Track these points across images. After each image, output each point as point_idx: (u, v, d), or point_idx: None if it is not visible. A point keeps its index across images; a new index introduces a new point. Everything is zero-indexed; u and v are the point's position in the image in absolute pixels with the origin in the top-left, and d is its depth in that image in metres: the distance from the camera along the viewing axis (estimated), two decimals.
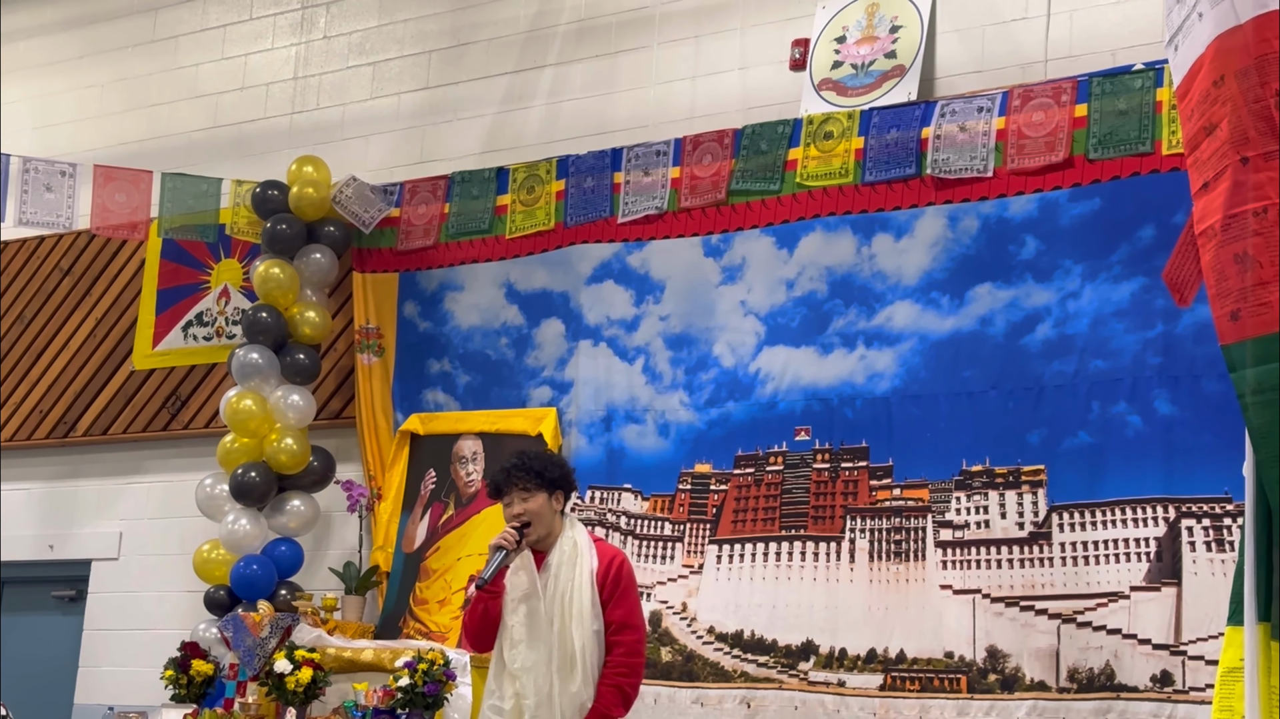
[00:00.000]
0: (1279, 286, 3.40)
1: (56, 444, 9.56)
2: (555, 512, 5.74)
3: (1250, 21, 3.50)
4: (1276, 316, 3.39)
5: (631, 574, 5.74)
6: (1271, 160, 3.45)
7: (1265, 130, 3.47)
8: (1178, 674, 6.04)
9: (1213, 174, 3.59)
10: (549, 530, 5.72)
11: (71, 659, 9.24)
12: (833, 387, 7.09)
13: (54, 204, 8.32)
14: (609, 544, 5.89)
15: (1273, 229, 3.42)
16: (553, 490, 5.73)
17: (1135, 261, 6.47)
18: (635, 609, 5.69)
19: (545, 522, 5.71)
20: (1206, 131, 3.62)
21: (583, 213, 7.85)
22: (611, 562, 5.68)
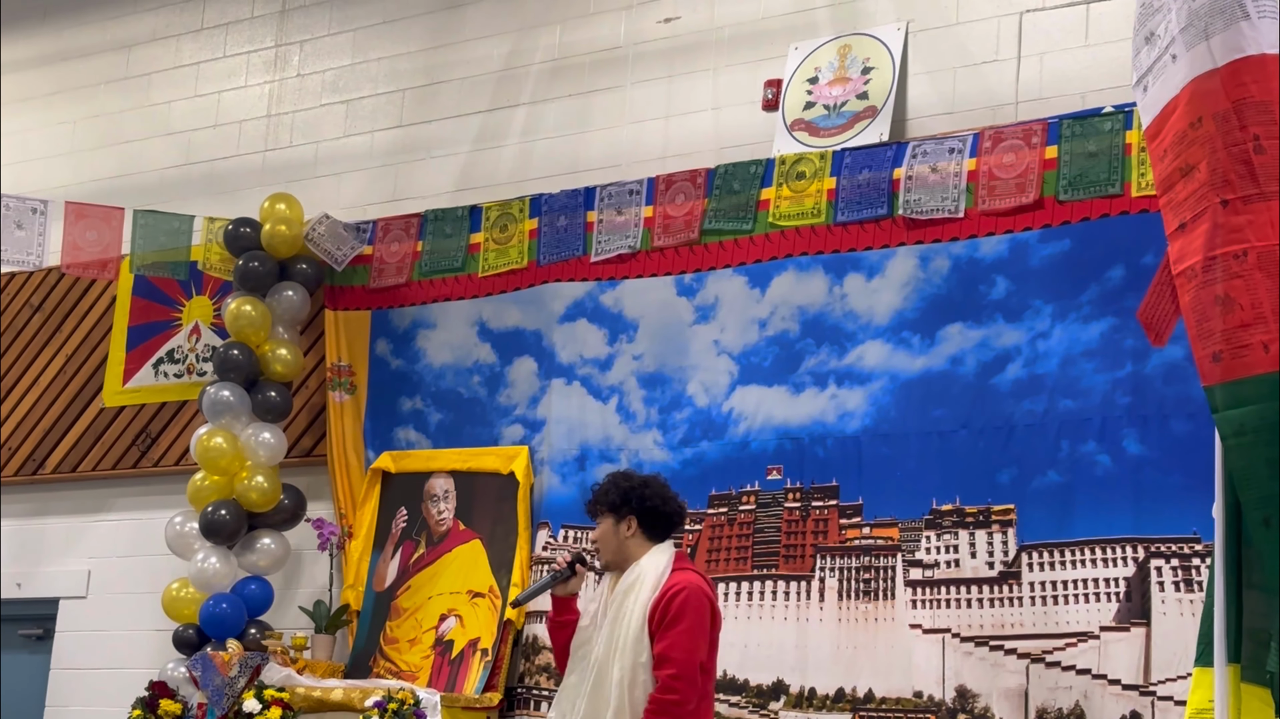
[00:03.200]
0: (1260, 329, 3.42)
1: (25, 481, 9.51)
2: (625, 537, 5.62)
3: (1227, 65, 3.54)
4: (1257, 359, 3.42)
5: (689, 605, 5.38)
6: (1251, 204, 3.49)
7: (1245, 174, 3.50)
8: (1147, 714, 6.05)
9: (1190, 215, 3.62)
10: (617, 556, 5.63)
11: (39, 698, 9.17)
12: (804, 425, 7.10)
13: (25, 241, 8.30)
14: (690, 574, 5.52)
15: (1253, 272, 3.45)
16: (619, 515, 5.63)
17: (1105, 302, 6.51)
18: (678, 643, 5.33)
19: (610, 547, 5.64)
20: (1183, 173, 3.65)
21: (556, 251, 7.86)
22: (669, 590, 5.43)
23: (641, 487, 5.70)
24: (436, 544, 7.94)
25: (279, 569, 8.21)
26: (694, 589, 5.45)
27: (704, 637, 5.44)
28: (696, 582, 5.54)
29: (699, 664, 5.39)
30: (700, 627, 5.41)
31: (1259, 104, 3.52)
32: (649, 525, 5.66)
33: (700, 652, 5.40)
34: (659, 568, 5.56)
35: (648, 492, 5.69)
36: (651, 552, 5.64)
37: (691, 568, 5.72)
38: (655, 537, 5.69)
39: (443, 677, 7.49)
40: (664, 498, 5.73)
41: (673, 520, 5.78)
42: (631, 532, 5.65)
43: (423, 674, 7.55)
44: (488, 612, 7.57)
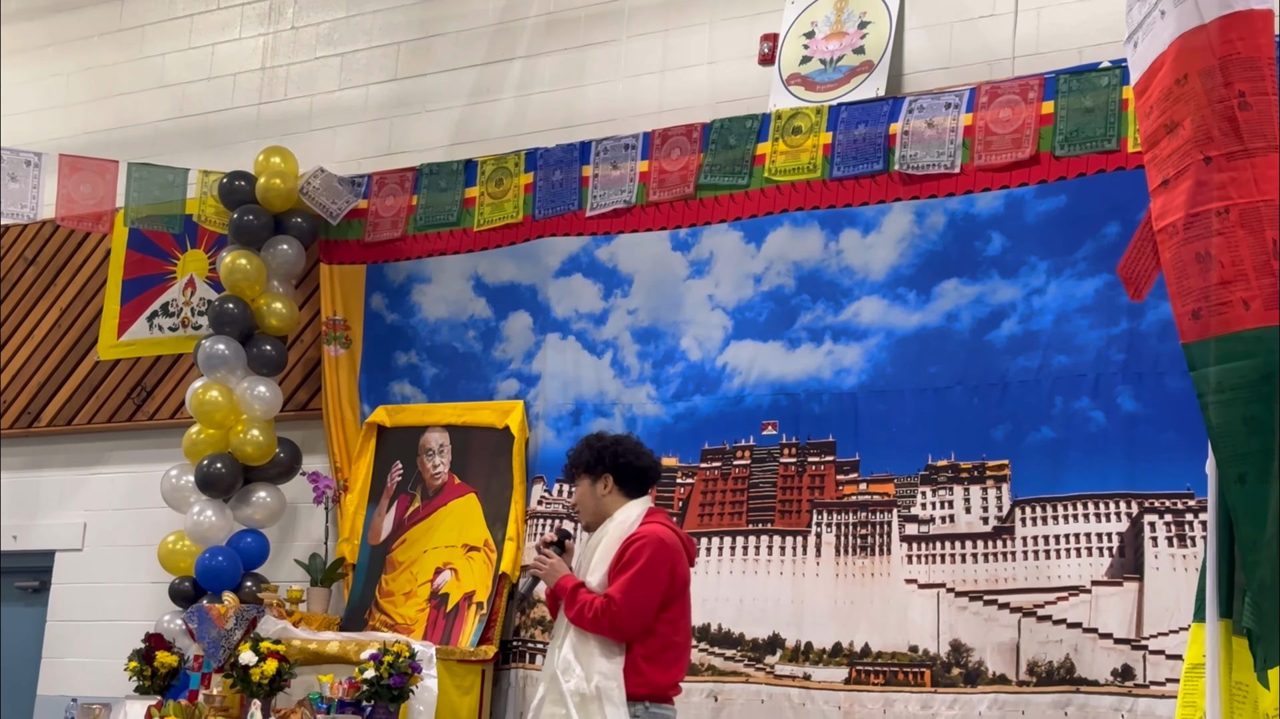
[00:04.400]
0: (1240, 287, 3.43)
1: (20, 434, 9.52)
2: (602, 496, 5.77)
3: (1214, 22, 3.54)
4: (1237, 316, 3.43)
5: (642, 552, 5.54)
6: (1235, 161, 3.48)
7: (1229, 131, 3.50)
8: (1138, 668, 6.08)
9: (1174, 171, 3.62)
10: (596, 516, 5.77)
11: (35, 650, 9.20)
12: (800, 381, 7.11)
13: (18, 194, 8.28)
14: (657, 527, 5.64)
15: (1235, 229, 3.45)
16: (595, 474, 5.77)
17: (1100, 258, 6.51)
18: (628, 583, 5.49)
19: (589, 508, 5.80)
20: (1167, 129, 3.65)
21: (551, 206, 7.86)
22: (630, 539, 5.59)
23: (614, 444, 5.83)
24: (432, 498, 7.96)
25: (274, 522, 8.23)
26: (652, 539, 5.58)
27: (655, 583, 5.54)
28: (659, 533, 5.64)
29: (643, 603, 5.51)
30: (652, 573, 5.53)
31: (1245, 60, 3.51)
32: (625, 482, 5.78)
33: (648, 594, 5.51)
34: (627, 521, 5.70)
35: (620, 449, 5.81)
36: (625, 506, 5.75)
37: (662, 521, 5.79)
38: (631, 493, 5.80)
39: (438, 630, 7.51)
40: (637, 454, 5.85)
41: (648, 475, 5.89)
42: (608, 489, 5.77)
43: (418, 627, 7.58)
44: (483, 565, 7.60)
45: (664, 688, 5.64)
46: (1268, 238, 3.42)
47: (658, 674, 5.60)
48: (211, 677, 7.26)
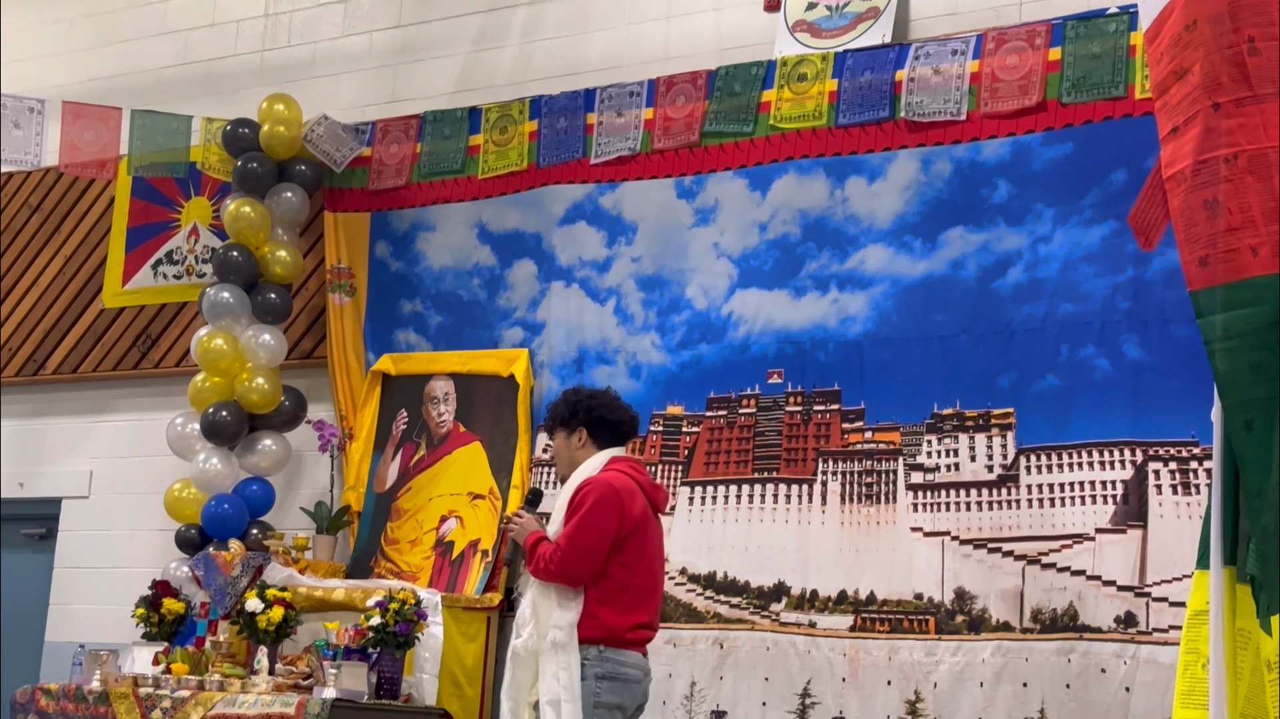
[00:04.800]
0: (1248, 233, 3.41)
1: (26, 382, 9.53)
2: (576, 448, 5.86)
3: None
4: (1245, 263, 3.41)
5: (589, 497, 5.62)
6: (1243, 107, 3.46)
7: (1238, 76, 3.47)
8: (1141, 615, 6.10)
9: (1183, 119, 3.60)
10: (570, 468, 5.85)
11: (42, 597, 9.25)
12: (805, 329, 7.11)
13: (22, 141, 8.26)
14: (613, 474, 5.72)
15: (1243, 175, 3.43)
16: (570, 427, 5.86)
17: (1106, 205, 6.50)
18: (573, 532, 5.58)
19: (564, 459, 5.90)
20: (1177, 76, 3.62)
21: (555, 153, 7.83)
22: (579, 486, 5.69)
23: (589, 398, 5.91)
24: (437, 446, 7.97)
25: (280, 470, 8.24)
26: (599, 484, 5.66)
27: (602, 526, 5.60)
28: (609, 478, 5.70)
29: (589, 546, 5.58)
30: (598, 517, 5.59)
31: (1254, 5, 3.48)
32: (599, 435, 5.86)
33: (594, 537, 5.58)
34: (589, 471, 5.77)
35: (594, 403, 5.89)
36: (593, 457, 5.82)
37: (622, 469, 5.83)
38: (605, 445, 5.87)
39: (443, 577, 7.54)
40: (612, 408, 5.93)
41: (622, 429, 5.96)
42: (582, 442, 5.86)
43: (423, 575, 7.60)
44: (488, 513, 7.62)
45: (619, 631, 5.64)
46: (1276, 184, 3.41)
47: (612, 617, 5.62)
48: (218, 623, 7.30)
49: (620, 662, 5.62)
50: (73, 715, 7.02)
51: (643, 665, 5.75)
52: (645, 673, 5.78)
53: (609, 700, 5.58)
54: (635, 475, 5.84)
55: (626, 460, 5.93)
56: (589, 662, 5.55)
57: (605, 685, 5.57)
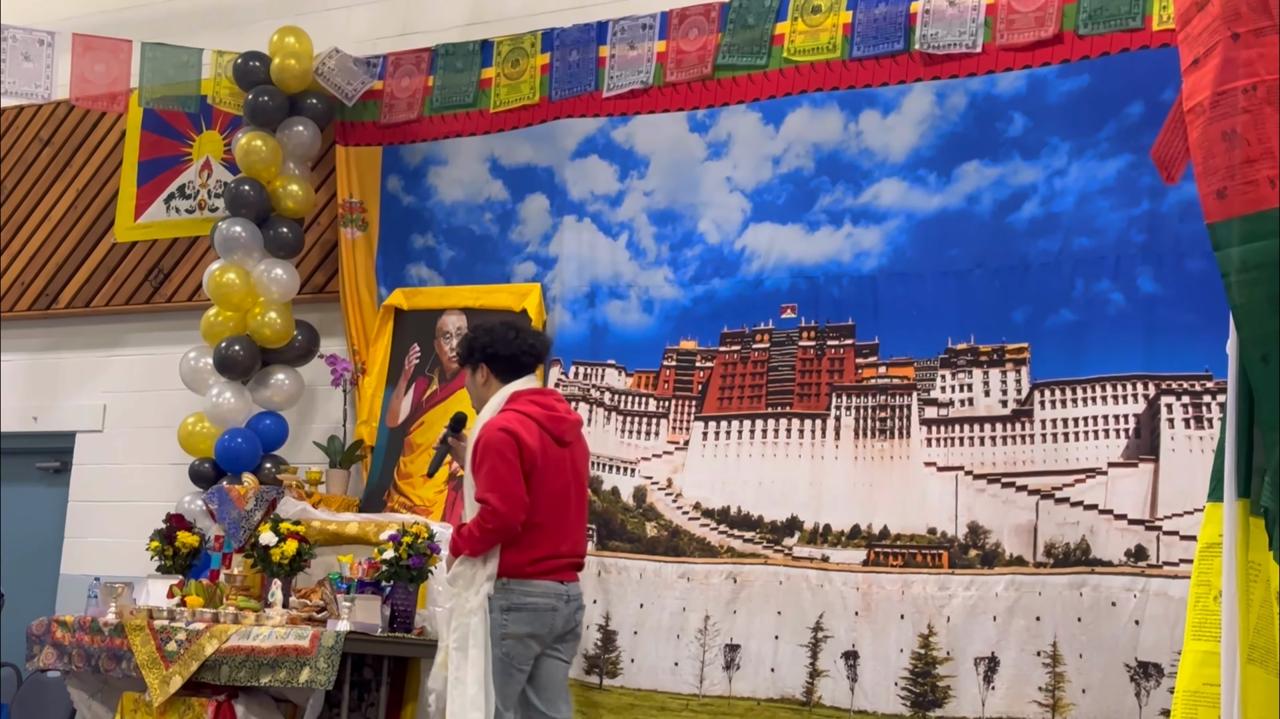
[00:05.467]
0: (1267, 165, 3.39)
1: (39, 316, 9.54)
2: (481, 384, 5.97)
3: None
4: (1263, 195, 3.39)
5: (490, 446, 5.72)
6: (1263, 36, 3.43)
7: (1257, 5, 3.44)
8: (1151, 549, 6.11)
9: (1203, 50, 3.57)
10: (480, 403, 5.97)
11: (57, 530, 9.30)
12: (819, 264, 7.09)
13: (32, 73, 8.23)
14: (509, 415, 5.84)
15: (1262, 106, 3.40)
16: (473, 365, 5.97)
17: (1123, 138, 6.46)
18: (484, 482, 5.70)
19: (474, 396, 6.02)
20: (1198, 7, 3.59)
21: (567, 87, 7.79)
22: (475, 442, 5.77)
23: (485, 334, 6.01)
24: (449, 380, 7.97)
25: (293, 405, 8.26)
26: (490, 430, 5.76)
27: (510, 465, 5.71)
28: (500, 422, 5.78)
29: (512, 494, 5.70)
30: (502, 463, 5.70)
31: None
32: (499, 370, 5.96)
33: (508, 483, 5.69)
34: (489, 413, 5.88)
35: (490, 339, 5.98)
36: (495, 394, 5.92)
37: (519, 407, 5.90)
38: (508, 378, 5.97)
39: (456, 511, 7.55)
40: (507, 340, 6.00)
41: (520, 360, 6.04)
42: (485, 378, 5.96)
43: (436, 509, 7.62)
44: None
45: (520, 566, 5.77)
46: None
47: (513, 555, 5.75)
48: (232, 557, 7.34)
49: (525, 592, 5.75)
50: (88, 647, 7.07)
51: (556, 592, 5.85)
52: (565, 600, 5.89)
53: (516, 631, 5.72)
54: (535, 412, 5.90)
55: (528, 395, 5.98)
56: (493, 596, 5.69)
57: (511, 617, 5.71)
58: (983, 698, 6.32)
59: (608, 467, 7.36)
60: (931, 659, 6.45)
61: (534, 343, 6.15)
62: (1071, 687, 6.16)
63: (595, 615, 7.18)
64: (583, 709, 7.10)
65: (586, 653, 7.16)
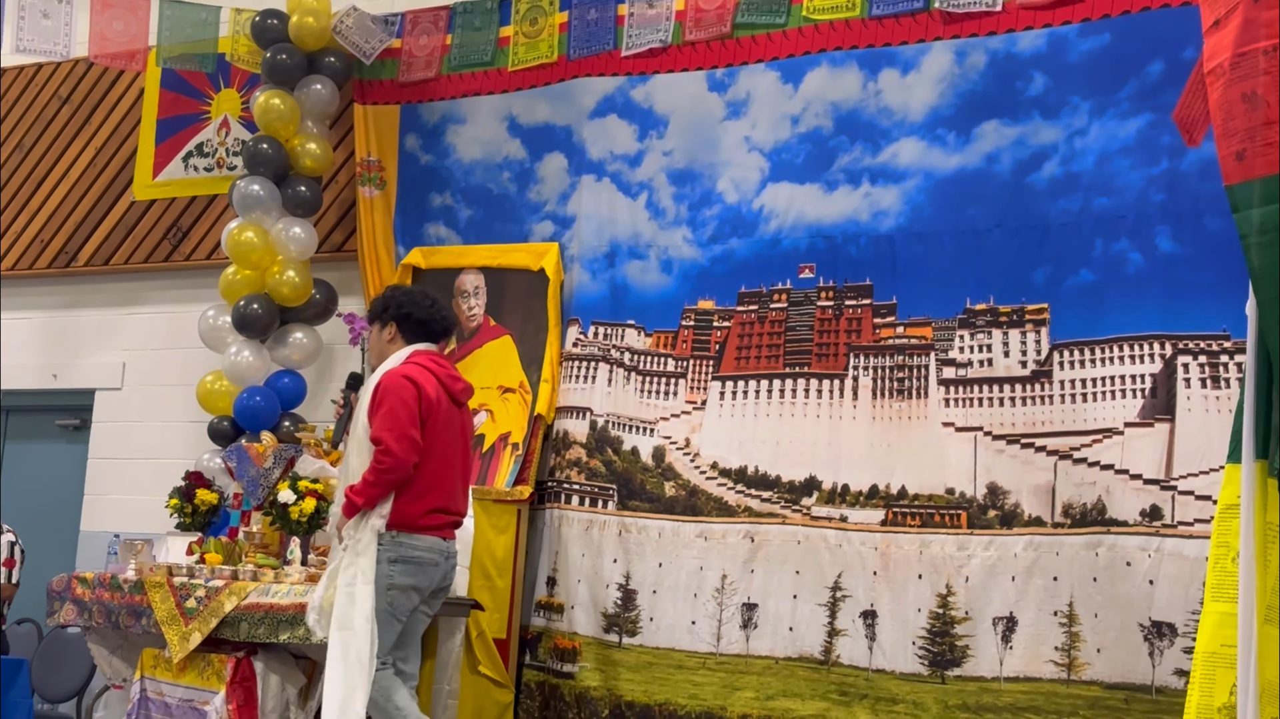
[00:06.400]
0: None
1: (58, 274, 9.57)
2: (386, 342, 6.08)
3: None
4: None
5: (391, 389, 5.83)
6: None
7: None
8: (1167, 509, 6.11)
9: (1224, 10, 3.55)
10: (381, 359, 6.07)
11: (77, 487, 9.34)
12: (837, 224, 7.08)
13: (51, 31, 8.23)
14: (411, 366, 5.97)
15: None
16: (382, 322, 6.08)
17: (1143, 97, 6.43)
18: (382, 423, 5.79)
19: (376, 351, 6.13)
20: None
21: (586, 45, 7.77)
22: (379, 384, 5.87)
23: (402, 294, 6.12)
24: (467, 340, 7.98)
25: (311, 363, 8.27)
26: (393, 376, 5.91)
27: (409, 411, 5.85)
28: (401, 371, 5.92)
29: (407, 436, 5.82)
30: (401, 406, 5.83)
31: None
32: (407, 331, 6.07)
33: (405, 421, 5.83)
34: (389, 366, 5.97)
35: (406, 299, 6.10)
36: (399, 352, 6.03)
37: (421, 362, 6.01)
38: (412, 339, 6.08)
39: (474, 470, 7.57)
40: (423, 307, 6.13)
41: (430, 326, 6.15)
42: (391, 336, 6.06)
43: None
44: (518, 406, 7.64)
45: (413, 517, 5.89)
46: None
47: (405, 503, 5.85)
48: (251, 514, 7.36)
49: (412, 545, 5.86)
50: (108, 604, 7.10)
51: (439, 548, 5.99)
52: (445, 556, 6.03)
53: (402, 583, 5.84)
54: (434, 369, 6.02)
55: (429, 355, 6.10)
56: (383, 547, 5.79)
57: (398, 568, 5.82)
58: (1000, 657, 6.34)
59: (627, 426, 7.37)
60: (950, 619, 6.47)
61: (446, 315, 6.27)
62: (1087, 646, 6.17)
63: (615, 574, 7.21)
64: (601, 667, 7.14)
65: (606, 611, 7.20)
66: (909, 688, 6.51)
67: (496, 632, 7.15)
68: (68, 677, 8.24)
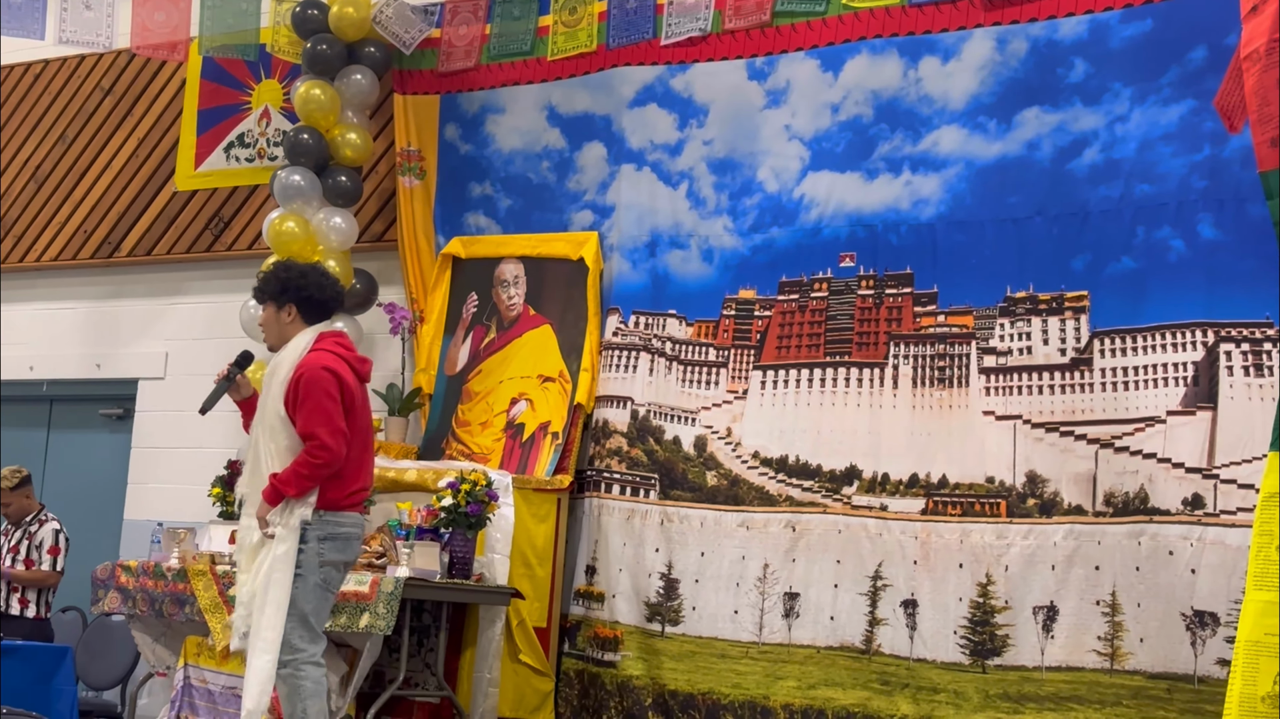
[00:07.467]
0: None
1: (101, 264, 9.63)
2: (285, 323, 5.97)
3: None
4: None
5: (310, 384, 5.75)
6: None
7: None
8: (1209, 497, 6.08)
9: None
10: (279, 340, 5.98)
11: (120, 476, 9.40)
12: (877, 213, 7.06)
13: (94, 22, 8.28)
14: (321, 354, 5.88)
15: None
16: (280, 303, 5.96)
17: (1185, 84, 6.40)
18: (310, 418, 5.73)
19: (273, 332, 6.02)
20: None
21: (625, 34, 7.77)
22: (295, 376, 5.80)
23: (300, 277, 6.02)
24: (507, 329, 8.00)
25: None
26: (313, 368, 5.82)
27: (335, 404, 5.81)
28: (320, 361, 5.84)
29: (339, 430, 5.80)
30: (328, 400, 5.79)
31: None
32: (307, 311, 5.98)
33: (334, 419, 5.79)
34: (297, 351, 5.90)
35: (305, 281, 6.00)
36: (299, 334, 5.95)
37: (328, 347, 5.95)
38: (312, 320, 6.00)
39: (514, 459, 7.59)
40: (320, 286, 6.05)
41: (329, 306, 6.09)
42: (291, 318, 5.97)
43: (494, 456, 7.66)
44: (558, 396, 7.65)
45: (338, 500, 5.84)
46: None
47: (331, 490, 5.80)
48: None
49: (338, 522, 5.83)
50: (152, 592, 7.16)
51: (359, 523, 5.97)
52: (362, 529, 6.02)
53: (333, 558, 5.81)
54: (341, 351, 5.98)
55: (332, 336, 6.05)
56: (310, 526, 5.74)
57: (327, 545, 5.79)
58: (1042, 647, 6.33)
59: (669, 416, 7.38)
60: (990, 608, 6.46)
61: (340, 291, 6.22)
62: (1129, 636, 6.15)
63: (658, 564, 7.22)
64: (644, 656, 7.15)
65: (648, 601, 7.21)
66: (950, 677, 6.51)
67: (537, 620, 7.17)
68: (112, 664, 8.30)
